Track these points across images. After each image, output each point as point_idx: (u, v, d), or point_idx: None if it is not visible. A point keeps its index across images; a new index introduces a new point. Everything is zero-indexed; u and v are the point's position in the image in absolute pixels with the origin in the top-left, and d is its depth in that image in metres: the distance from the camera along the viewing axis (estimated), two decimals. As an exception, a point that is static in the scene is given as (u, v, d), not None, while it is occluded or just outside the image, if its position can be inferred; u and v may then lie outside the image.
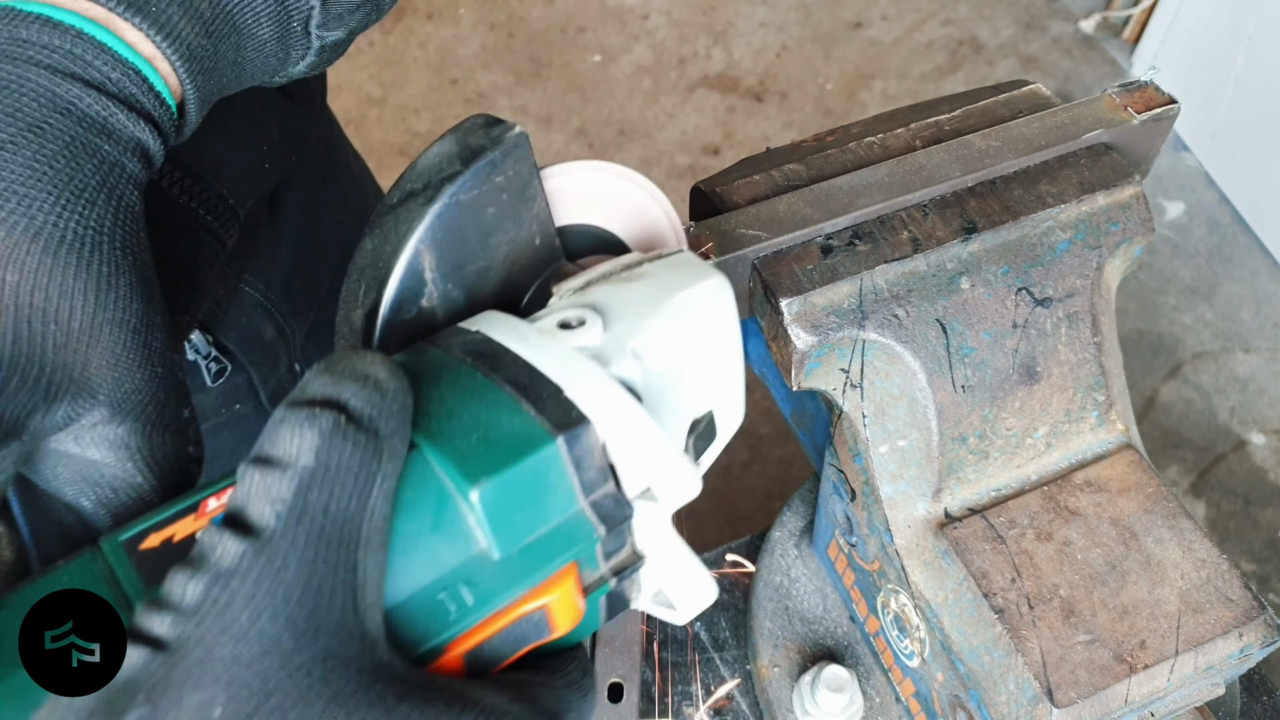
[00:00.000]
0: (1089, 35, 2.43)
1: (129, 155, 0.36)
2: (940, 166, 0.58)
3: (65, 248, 0.33)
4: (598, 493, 0.34)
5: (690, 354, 0.39)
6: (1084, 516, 0.58)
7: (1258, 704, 0.76)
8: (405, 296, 0.39)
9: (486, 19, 2.46)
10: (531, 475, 0.32)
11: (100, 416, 0.35)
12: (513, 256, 0.42)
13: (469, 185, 0.39)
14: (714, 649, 0.81)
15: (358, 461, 0.29)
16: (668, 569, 0.37)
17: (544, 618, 0.34)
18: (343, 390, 0.29)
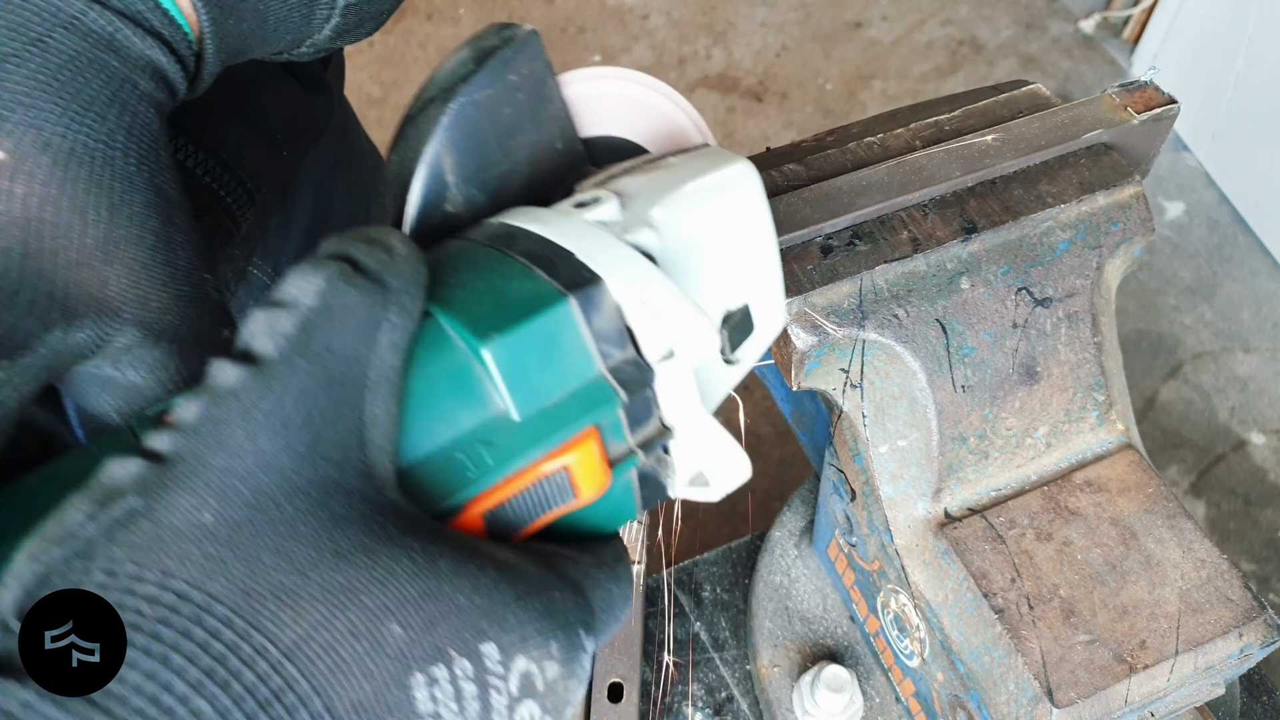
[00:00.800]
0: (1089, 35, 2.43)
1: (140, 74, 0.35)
2: (940, 166, 0.58)
3: (75, 160, 0.33)
4: (616, 357, 0.33)
5: (715, 235, 0.38)
6: (1084, 516, 0.58)
7: (1258, 704, 0.76)
8: (428, 201, 0.39)
9: (486, 19, 2.46)
10: (544, 333, 0.32)
11: (131, 338, 0.34)
12: (535, 159, 0.41)
13: (483, 84, 0.38)
14: (714, 649, 0.81)
15: (362, 306, 0.29)
16: (698, 444, 0.37)
17: (566, 479, 0.34)
18: (352, 248, 0.29)
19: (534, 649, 0.29)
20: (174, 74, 0.37)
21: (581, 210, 0.36)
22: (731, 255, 0.39)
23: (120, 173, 0.34)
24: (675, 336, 0.35)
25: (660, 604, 0.82)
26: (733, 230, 0.39)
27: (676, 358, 0.35)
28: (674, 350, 0.35)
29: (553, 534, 0.35)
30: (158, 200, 0.35)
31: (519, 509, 0.33)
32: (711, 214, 0.38)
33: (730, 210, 0.39)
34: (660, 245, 0.37)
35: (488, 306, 0.32)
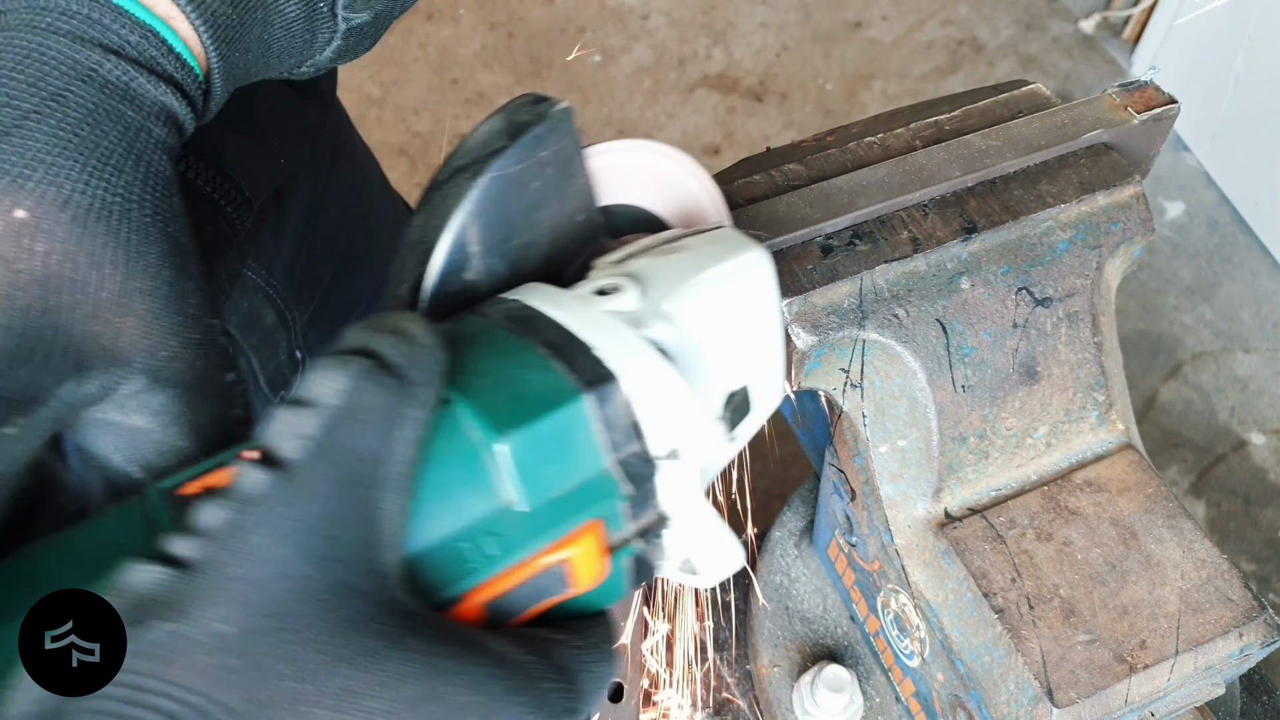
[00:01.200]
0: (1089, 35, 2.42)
1: (155, 121, 0.36)
2: (940, 166, 0.58)
3: (94, 216, 0.33)
4: (624, 450, 0.34)
5: (726, 324, 0.39)
6: (1084, 516, 0.57)
7: (1258, 704, 0.76)
8: (450, 269, 0.39)
9: (486, 19, 2.46)
10: (559, 430, 0.32)
11: (139, 385, 0.35)
12: (556, 232, 0.42)
13: (514, 159, 0.39)
14: (714, 649, 0.81)
15: (384, 404, 0.29)
16: (693, 533, 0.38)
17: (564, 572, 0.34)
18: (376, 341, 0.30)
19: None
20: (184, 115, 0.38)
21: (602, 299, 0.37)
22: (739, 340, 0.40)
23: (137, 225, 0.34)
24: (683, 437, 0.36)
25: (660, 604, 0.82)
26: (741, 317, 0.40)
27: (681, 457, 0.36)
28: (679, 450, 0.36)
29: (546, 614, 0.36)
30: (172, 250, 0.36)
31: (517, 599, 0.34)
32: (723, 304, 0.39)
33: (742, 297, 0.40)
34: (675, 337, 0.37)
35: (505, 398, 0.32)
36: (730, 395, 0.40)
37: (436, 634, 0.30)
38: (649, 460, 0.35)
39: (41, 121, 0.33)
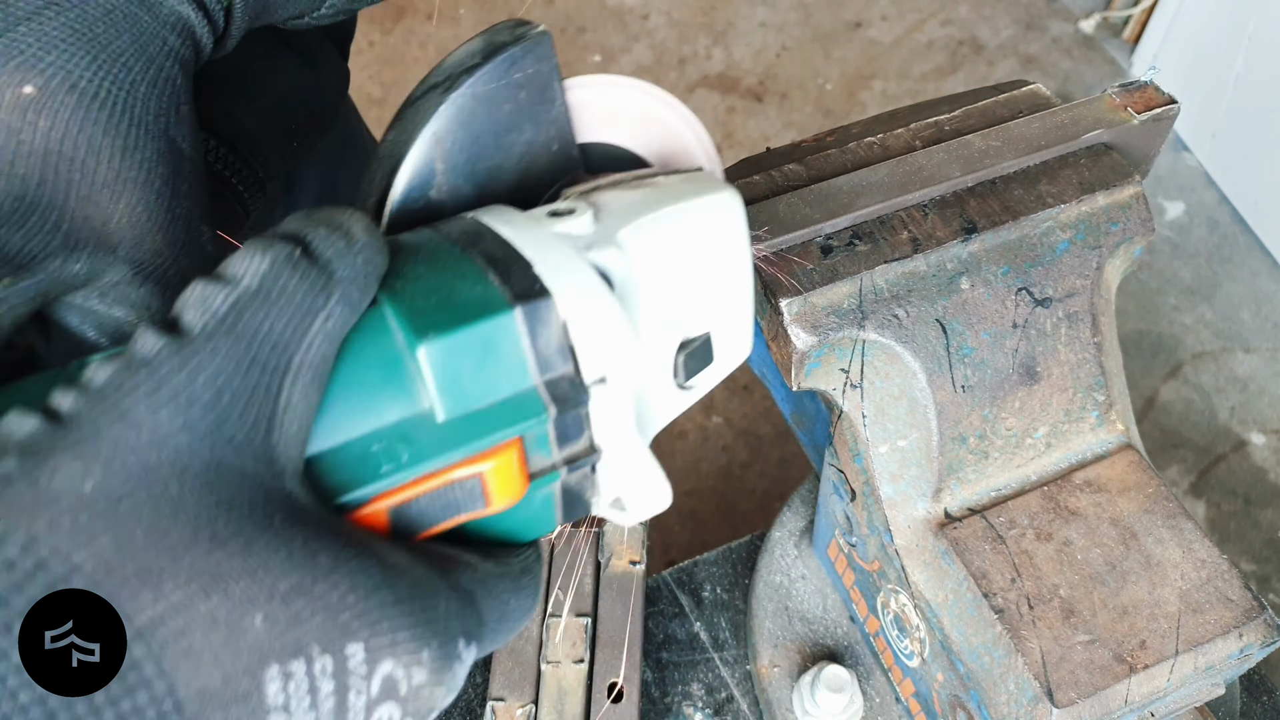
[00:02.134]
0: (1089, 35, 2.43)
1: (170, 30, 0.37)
2: (940, 166, 0.58)
3: (97, 104, 0.35)
4: (554, 372, 0.33)
5: (685, 262, 0.38)
6: (1084, 516, 0.58)
7: (1258, 704, 0.76)
8: (414, 185, 0.39)
9: (486, 19, 2.46)
10: (483, 340, 0.32)
11: (121, 275, 0.36)
12: (528, 159, 0.41)
13: (486, 78, 0.39)
14: (714, 649, 0.81)
15: (302, 292, 0.29)
16: (625, 468, 0.37)
17: (479, 486, 0.33)
18: (310, 230, 0.30)
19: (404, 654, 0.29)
20: (202, 31, 0.38)
21: (554, 220, 0.36)
22: (698, 284, 0.39)
23: (138, 120, 0.36)
24: (612, 362, 0.35)
25: (660, 604, 0.83)
26: (703, 259, 0.39)
27: (610, 383, 0.35)
28: (607, 376, 0.35)
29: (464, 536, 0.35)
30: (169, 150, 0.37)
31: (426, 509, 0.33)
32: (681, 241, 0.38)
33: (704, 239, 0.39)
34: (623, 266, 0.36)
35: (433, 303, 0.32)
36: (687, 340, 0.39)
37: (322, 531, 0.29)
38: (580, 385, 0.34)
39: (59, 14, 0.34)
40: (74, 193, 0.34)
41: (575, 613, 0.79)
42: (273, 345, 0.28)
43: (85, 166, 0.34)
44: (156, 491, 0.27)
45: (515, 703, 0.75)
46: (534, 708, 0.74)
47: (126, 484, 0.26)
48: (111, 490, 0.26)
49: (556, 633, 0.77)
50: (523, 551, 0.36)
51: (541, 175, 0.42)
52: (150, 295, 0.37)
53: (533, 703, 0.75)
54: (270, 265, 0.29)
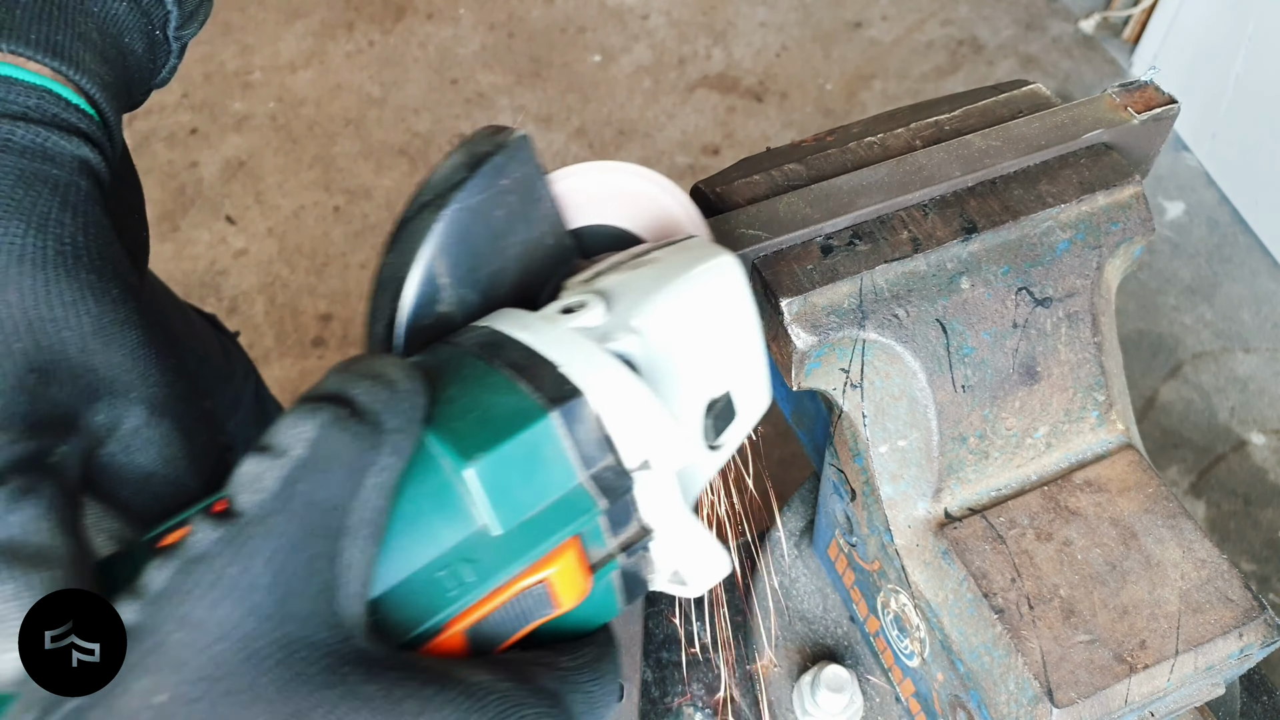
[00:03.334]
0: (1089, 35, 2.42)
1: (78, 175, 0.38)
2: (940, 166, 0.58)
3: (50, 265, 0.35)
4: (597, 465, 0.34)
5: (697, 331, 0.39)
6: (1084, 516, 0.57)
7: (1258, 704, 0.76)
8: (422, 303, 0.40)
9: (486, 19, 2.46)
10: (526, 449, 0.32)
11: (140, 418, 0.36)
12: (526, 257, 0.42)
13: (476, 190, 0.40)
14: (714, 649, 0.81)
15: (353, 452, 0.29)
16: (678, 543, 0.37)
17: (546, 591, 0.34)
18: (352, 386, 0.30)
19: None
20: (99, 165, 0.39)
21: (567, 317, 0.37)
22: (713, 347, 0.40)
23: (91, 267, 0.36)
24: (655, 447, 0.35)
25: (661, 604, 0.82)
26: (714, 324, 0.40)
27: (652, 465, 0.36)
28: (649, 459, 0.35)
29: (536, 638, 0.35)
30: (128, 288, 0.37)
31: (499, 624, 0.34)
32: (692, 312, 0.39)
33: (711, 306, 0.40)
34: (643, 348, 0.37)
35: (471, 423, 0.32)
36: (711, 403, 0.40)
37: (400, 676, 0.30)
38: (624, 473, 0.35)
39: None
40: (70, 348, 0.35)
41: (575, 613, 0.78)
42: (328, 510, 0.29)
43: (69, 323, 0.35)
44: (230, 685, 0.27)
45: None
46: (534, 708, 0.74)
47: (199, 685, 0.27)
48: (185, 694, 0.27)
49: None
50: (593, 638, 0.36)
51: (541, 269, 0.43)
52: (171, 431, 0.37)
53: (533, 703, 0.75)
54: (318, 431, 0.29)
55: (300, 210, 2.12)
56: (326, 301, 1.98)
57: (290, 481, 0.28)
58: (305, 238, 2.08)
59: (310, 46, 2.39)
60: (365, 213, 2.11)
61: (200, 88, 2.31)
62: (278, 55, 2.37)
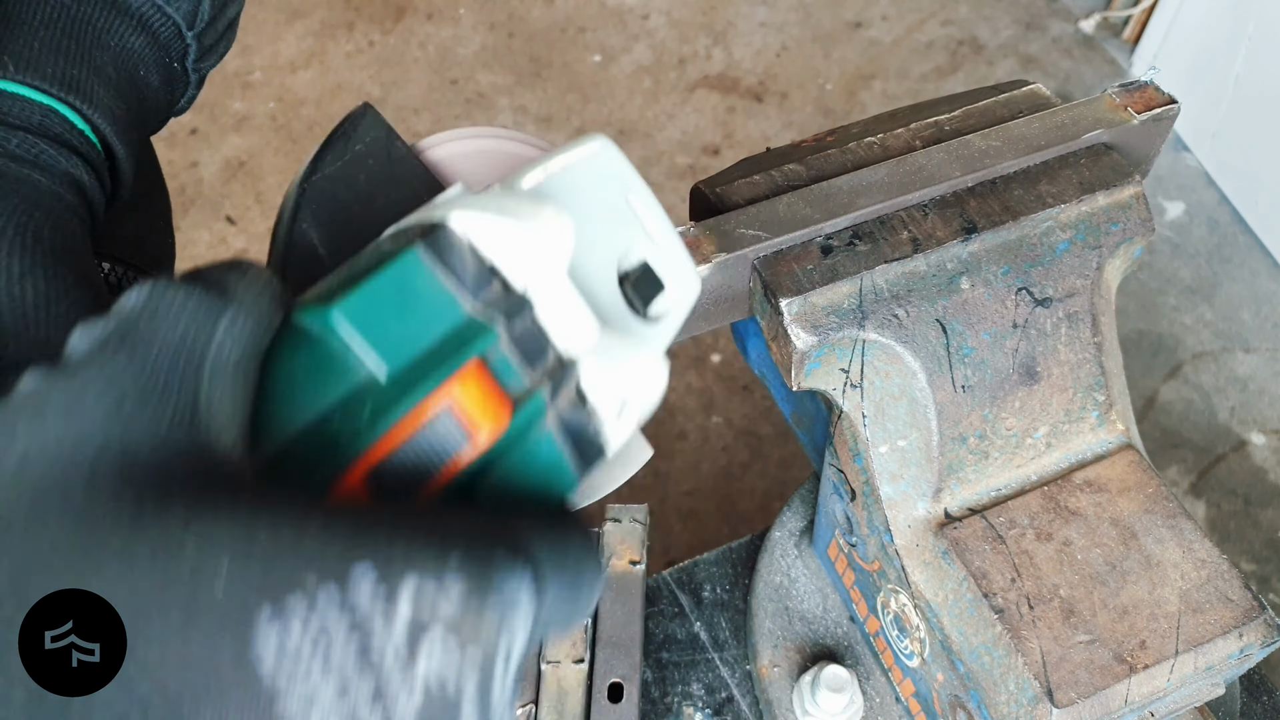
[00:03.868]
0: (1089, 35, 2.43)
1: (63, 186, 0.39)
2: (940, 166, 0.58)
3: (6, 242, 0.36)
4: (483, 291, 0.32)
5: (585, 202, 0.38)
6: (1084, 516, 0.58)
7: (1258, 704, 0.76)
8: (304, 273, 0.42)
9: (486, 19, 2.46)
10: (394, 285, 0.31)
11: None
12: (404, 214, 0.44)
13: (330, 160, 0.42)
14: (714, 649, 0.81)
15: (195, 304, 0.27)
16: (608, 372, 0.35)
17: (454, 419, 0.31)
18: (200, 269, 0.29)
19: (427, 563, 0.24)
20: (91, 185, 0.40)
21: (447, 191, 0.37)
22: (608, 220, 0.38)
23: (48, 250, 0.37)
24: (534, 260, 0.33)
25: (661, 604, 0.82)
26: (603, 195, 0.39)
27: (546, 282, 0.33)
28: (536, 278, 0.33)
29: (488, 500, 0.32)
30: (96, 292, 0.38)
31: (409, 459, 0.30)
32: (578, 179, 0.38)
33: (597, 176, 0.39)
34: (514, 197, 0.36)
35: (335, 280, 0.31)
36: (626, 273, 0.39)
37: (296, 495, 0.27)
38: (517, 297, 0.33)
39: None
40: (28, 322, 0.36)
41: (575, 613, 0.78)
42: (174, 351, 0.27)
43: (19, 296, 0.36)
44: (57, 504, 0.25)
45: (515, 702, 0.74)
46: (534, 707, 0.74)
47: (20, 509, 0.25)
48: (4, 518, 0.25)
49: (556, 633, 0.77)
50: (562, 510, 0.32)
51: None
52: None
53: (533, 702, 0.75)
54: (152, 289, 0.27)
55: (300, 210, 2.12)
56: (326, 301, 1.98)
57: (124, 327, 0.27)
58: (305, 238, 2.07)
59: (310, 46, 2.39)
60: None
61: (200, 88, 2.31)
62: (278, 55, 2.37)
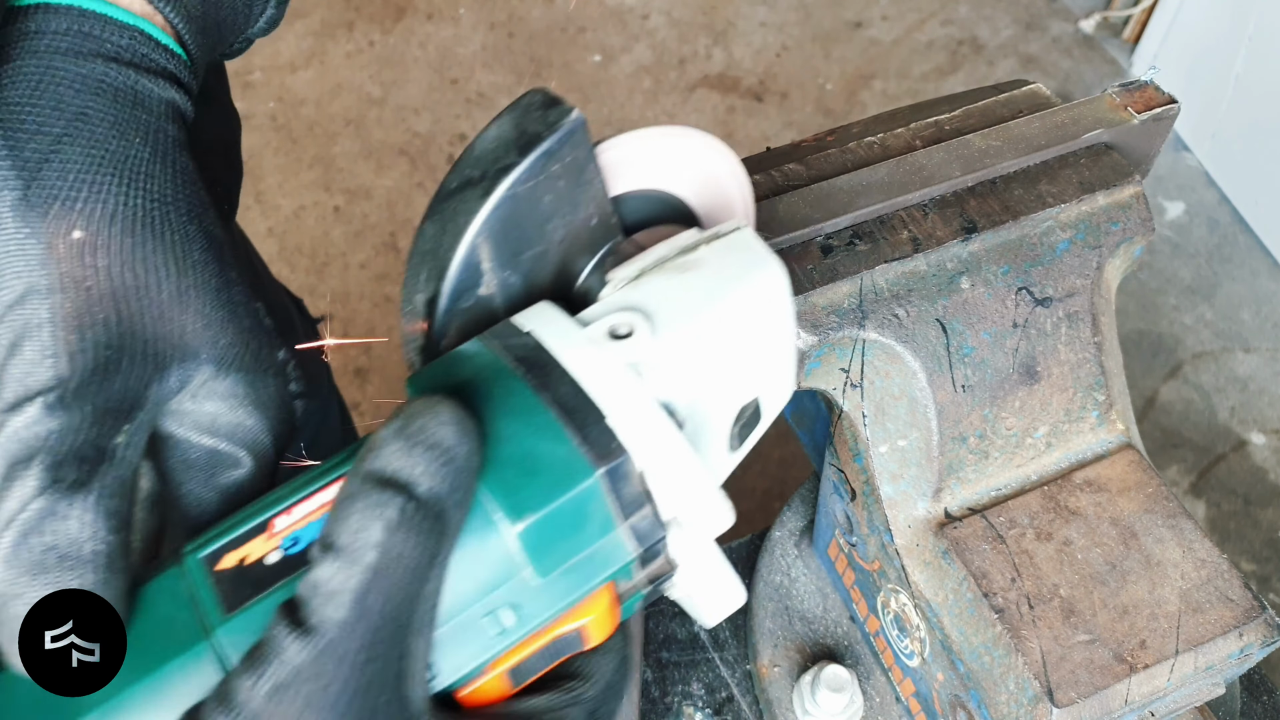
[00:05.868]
0: (1089, 35, 2.43)
1: (167, 120, 0.37)
2: (940, 166, 0.58)
3: (139, 225, 0.35)
4: (635, 516, 0.35)
5: (739, 346, 0.39)
6: (1084, 516, 0.57)
7: (1258, 704, 0.76)
8: (463, 287, 0.40)
9: (486, 19, 2.46)
10: (572, 508, 0.33)
11: (208, 374, 0.37)
12: (570, 240, 0.42)
13: (525, 177, 0.39)
14: (714, 649, 0.81)
15: (419, 552, 0.30)
16: (699, 576, 0.38)
17: (579, 636, 0.36)
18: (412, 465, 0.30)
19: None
20: (185, 106, 0.39)
21: (613, 345, 0.37)
22: (752, 358, 0.40)
23: (177, 227, 0.36)
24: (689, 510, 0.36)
25: (661, 604, 0.82)
26: (755, 336, 0.40)
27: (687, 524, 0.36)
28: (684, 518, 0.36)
29: None
30: (210, 245, 0.37)
31: (536, 664, 0.35)
32: (735, 329, 0.39)
33: (754, 319, 0.40)
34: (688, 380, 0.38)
35: (520, 474, 0.33)
36: (741, 410, 0.40)
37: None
38: (660, 524, 0.36)
39: (73, 143, 0.34)
40: (148, 317, 0.35)
41: (575, 613, 0.78)
42: (398, 614, 0.30)
43: (149, 290, 0.35)
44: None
45: (515, 703, 0.74)
46: (534, 708, 0.74)
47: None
48: None
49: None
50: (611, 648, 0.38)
51: (583, 249, 0.43)
52: (236, 383, 0.38)
53: (533, 703, 0.75)
54: (386, 535, 0.29)
55: (300, 210, 2.12)
56: (326, 301, 1.98)
57: (363, 593, 0.29)
58: (305, 238, 2.08)
59: (310, 46, 2.39)
60: (365, 213, 2.11)
61: (200, 88, 2.30)
62: (278, 55, 2.37)
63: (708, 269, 0.40)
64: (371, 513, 0.29)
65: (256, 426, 0.39)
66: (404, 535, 0.30)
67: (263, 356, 0.39)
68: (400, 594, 0.30)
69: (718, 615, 0.39)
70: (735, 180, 0.46)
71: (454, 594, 0.32)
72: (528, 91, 0.41)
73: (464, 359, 0.37)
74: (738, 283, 0.39)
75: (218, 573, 0.33)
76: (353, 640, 0.29)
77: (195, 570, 0.33)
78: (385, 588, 0.29)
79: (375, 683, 0.30)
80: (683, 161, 0.45)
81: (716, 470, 0.40)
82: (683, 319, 0.38)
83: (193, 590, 0.33)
